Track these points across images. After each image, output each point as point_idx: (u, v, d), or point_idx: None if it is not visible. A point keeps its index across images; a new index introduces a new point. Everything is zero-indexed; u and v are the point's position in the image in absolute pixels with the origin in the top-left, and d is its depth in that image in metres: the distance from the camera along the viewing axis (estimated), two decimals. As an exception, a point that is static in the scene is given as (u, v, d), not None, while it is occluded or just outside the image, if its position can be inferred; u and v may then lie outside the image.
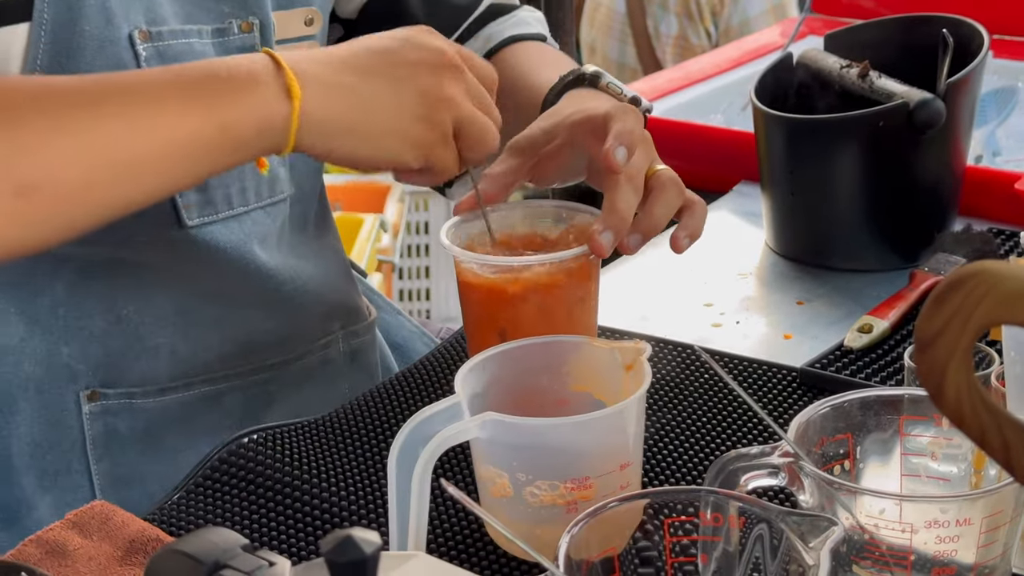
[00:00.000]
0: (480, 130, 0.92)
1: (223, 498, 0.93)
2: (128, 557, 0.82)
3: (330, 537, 0.54)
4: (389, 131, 0.89)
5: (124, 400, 1.04)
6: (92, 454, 1.03)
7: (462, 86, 0.91)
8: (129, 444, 1.05)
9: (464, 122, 0.91)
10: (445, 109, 0.90)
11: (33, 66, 0.93)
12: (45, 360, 1.00)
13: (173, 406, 1.06)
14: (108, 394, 1.03)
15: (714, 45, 2.97)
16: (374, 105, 0.88)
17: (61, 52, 0.93)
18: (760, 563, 0.72)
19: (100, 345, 1.01)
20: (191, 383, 1.06)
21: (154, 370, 1.04)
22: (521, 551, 0.84)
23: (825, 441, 0.80)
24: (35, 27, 0.92)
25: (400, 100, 0.89)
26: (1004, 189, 1.30)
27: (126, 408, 1.04)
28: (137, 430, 1.04)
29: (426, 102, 0.89)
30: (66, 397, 1.02)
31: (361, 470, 0.95)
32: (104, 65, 0.95)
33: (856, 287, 1.21)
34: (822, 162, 1.22)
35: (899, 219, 1.23)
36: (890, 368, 1.05)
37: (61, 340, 1.01)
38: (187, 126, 0.83)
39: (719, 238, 1.34)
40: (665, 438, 0.97)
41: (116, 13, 0.95)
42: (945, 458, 0.81)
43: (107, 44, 0.95)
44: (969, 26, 1.26)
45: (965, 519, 0.71)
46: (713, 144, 1.51)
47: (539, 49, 1.19)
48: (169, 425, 1.06)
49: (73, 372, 1.01)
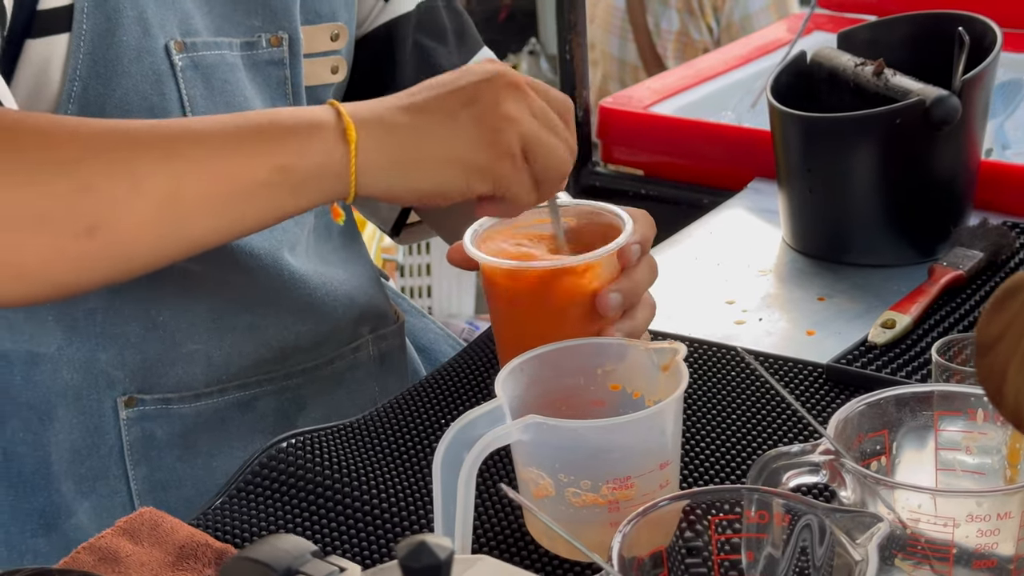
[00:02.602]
0: (548, 149, 0.90)
1: (265, 502, 0.94)
2: (179, 563, 0.84)
3: (404, 543, 0.56)
4: (447, 160, 0.88)
5: (160, 406, 1.05)
6: (129, 459, 1.05)
7: (524, 104, 0.90)
8: (165, 449, 1.06)
9: (530, 141, 0.89)
10: (507, 127, 0.88)
11: (73, 76, 0.94)
12: (83, 367, 1.02)
13: (208, 411, 1.07)
14: (145, 400, 1.05)
15: (716, 40, 2.98)
16: (429, 137, 0.88)
17: (99, 62, 0.95)
18: (805, 560, 0.73)
19: (137, 351, 1.03)
20: (226, 388, 1.07)
21: (190, 376, 1.06)
22: (565, 549, 0.86)
23: (862, 438, 0.82)
24: (74, 38, 0.94)
25: (457, 127, 0.88)
26: (1019, 182, 1.32)
27: (163, 413, 1.05)
28: (173, 435, 1.06)
29: (485, 123, 0.88)
30: (104, 403, 1.04)
31: (399, 472, 0.97)
32: (141, 74, 0.97)
33: (875, 282, 1.23)
34: (840, 159, 1.24)
35: (916, 214, 1.25)
36: (915, 363, 1.06)
37: (99, 347, 1.02)
38: (247, 169, 0.84)
39: (736, 236, 1.36)
40: (698, 435, 0.98)
41: (152, 24, 0.97)
42: (979, 451, 0.83)
43: (144, 54, 0.97)
44: (981, 22, 1.28)
45: (1006, 512, 0.73)
46: (726, 142, 1.53)
47: None
48: (204, 430, 1.07)
49: (110, 378, 1.03)
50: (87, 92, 0.96)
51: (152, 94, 0.98)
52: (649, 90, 1.66)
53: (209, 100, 1.02)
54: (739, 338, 1.13)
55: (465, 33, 1.24)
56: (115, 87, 0.97)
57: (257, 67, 1.06)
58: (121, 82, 0.96)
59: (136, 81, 0.97)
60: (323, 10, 1.11)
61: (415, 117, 0.89)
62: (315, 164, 0.85)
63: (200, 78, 1.01)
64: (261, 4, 1.05)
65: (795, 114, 1.25)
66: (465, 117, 0.88)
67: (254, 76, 1.06)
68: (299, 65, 1.08)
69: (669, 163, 1.57)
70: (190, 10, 1.01)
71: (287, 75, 1.08)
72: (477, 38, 1.26)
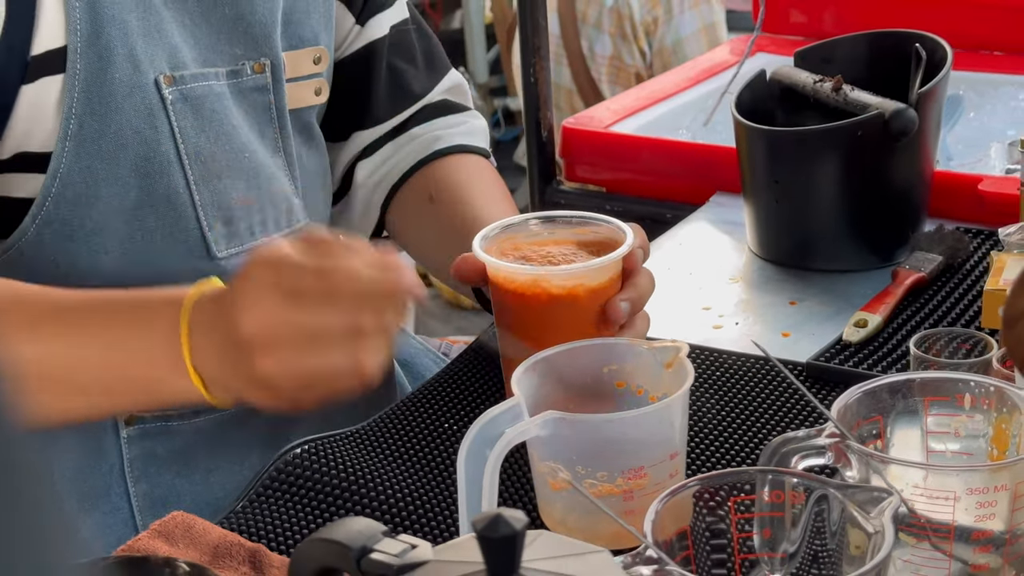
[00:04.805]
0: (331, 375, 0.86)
1: (285, 505, 0.98)
2: (216, 561, 0.87)
3: (481, 515, 0.60)
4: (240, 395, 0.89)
5: (160, 423, 1.08)
6: (130, 476, 1.07)
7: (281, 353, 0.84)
8: (165, 466, 1.09)
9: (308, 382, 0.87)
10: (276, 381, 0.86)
11: (68, 114, 0.98)
12: None
13: (206, 427, 1.10)
14: (145, 418, 1.07)
15: (648, 65, 3.06)
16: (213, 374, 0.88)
17: (94, 99, 0.99)
18: (820, 533, 0.79)
19: None
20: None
21: None
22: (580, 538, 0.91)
23: (860, 423, 0.87)
24: (68, 78, 0.98)
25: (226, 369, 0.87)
26: (969, 191, 1.39)
27: (163, 431, 1.08)
28: (173, 452, 1.08)
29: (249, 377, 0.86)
30: (105, 422, 1.06)
31: (407, 474, 1.01)
32: (133, 109, 1.01)
33: (841, 286, 1.29)
34: (804, 171, 1.31)
35: (877, 221, 1.32)
36: (889, 358, 1.13)
37: None
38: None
39: (704, 246, 1.42)
40: (704, 430, 1.03)
41: (142, 60, 1.01)
42: (966, 435, 0.89)
43: (136, 90, 1.01)
44: (932, 40, 1.35)
45: (1002, 485, 0.79)
46: (687, 158, 1.59)
47: (475, 165, 1.26)
48: (202, 446, 1.10)
49: None
50: (83, 130, 0.99)
51: (145, 128, 1.02)
52: (608, 111, 1.72)
53: (199, 130, 1.05)
54: (718, 341, 1.19)
55: (434, 56, 1.29)
56: (110, 123, 1.00)
57: (243, 94, 1.09)
58: (115, 118, 1.00)
59: (129, 116, 1.00)
60: (306, 34, 1.15)
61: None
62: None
63: (190, 109, 1.05)
64: (243, 33, 1.09)
65: (761, 129, 1.31)
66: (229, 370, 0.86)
67: (240, 103, 1.09)
68: (282, 90, 1.12)
69: (631, 180, 1.63)
70: (177, 43, 1.04)
71: (271, 100, 1.12)
72: (446, 61, 1.31)
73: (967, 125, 1.72)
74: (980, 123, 1.71)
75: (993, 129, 1.68)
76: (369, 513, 0.96)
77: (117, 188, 1.01)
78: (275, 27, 1.11)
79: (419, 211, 1.23)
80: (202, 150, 1.05)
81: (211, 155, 1.05)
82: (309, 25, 1.15)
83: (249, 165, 1.09)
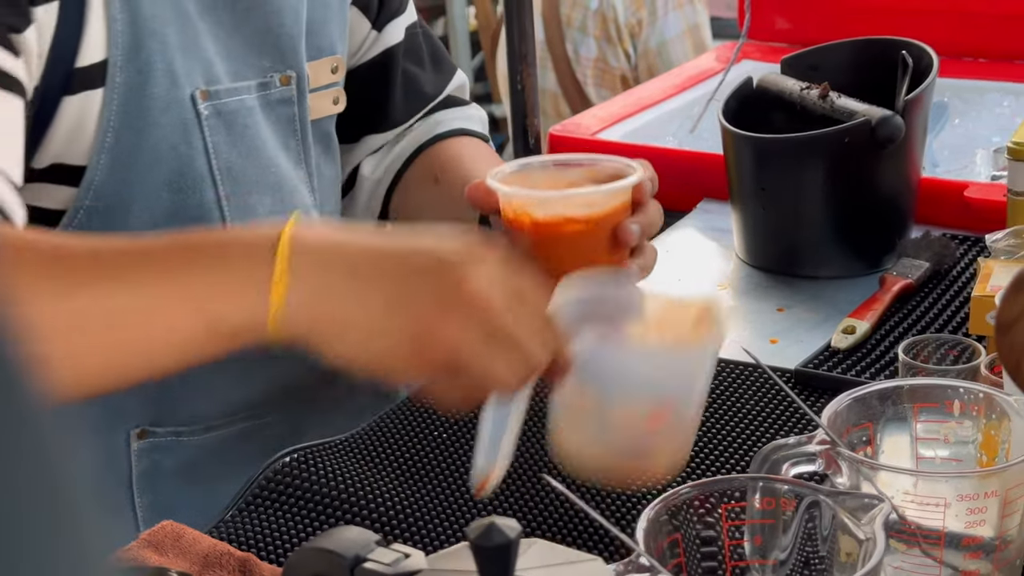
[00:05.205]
0: (482, 371, 0.82)
1: (275, 513, 0.97)
2: (206, 571, 0.87)
3: (475, 524, 0.60)
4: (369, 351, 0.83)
5: (171, 438, 1.08)
6: (137, 488, 1.07)
7: (473, 317, 0.81)
8: (171, 478, 1.08)
9: (464, 360, 0.81)
10: (438, 344, 0.81)
11: (106, 127, 0.97)
12: (101, 399, 1.03)
13: (215, 441, 1.10)
14: (157, 432, 1.07)
15: (633, 67, 3.06)
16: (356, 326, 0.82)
17: (131, 113, 0.98)
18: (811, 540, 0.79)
19: (157, 387, 1.04)
20: (234, 420, 1.10)
21: (204, 409, 1.08)
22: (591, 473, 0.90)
23: (850, 430, 0.88)
24: (108, 91, 0.97)
25: (390, 323, 0.82)
26: (955, 197, 1.40)
27: (173, 445, 1.08)
28: (180, 464, 1.08)
29: (421, 327, 0.81)
30: (117, 435, 1.06)
31: (395, 481, 1.01)
32: (170, 124, 1.00)
33: (828, 293, 1.29)
34: (791, 178, 1.31)
35: (864, 228, 1.32)
36: (878, 364, 1.13)
37: None
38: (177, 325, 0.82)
39: (692, 253, 1.42)
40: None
41: (180, 75, 1.00)
42: (956, 442, 0.89)
43: (172, 104, 1.00)
44: (918, 47, 1.36)
45: (992, 491, 0.79)
46: (674, 165, 1.59)
47: (476, 146, 1.27)
48: (209, 459, 1.10)
49: (127, 412, 1.05)
50: (119, 143, 0.98)
51: (180, 143, 1.01)
52: (595, 118, 1.72)
53: (231, 145, 1.05)
54: (707, 348, 1.19)
55: (440, 58, 1.29)
56: (146, 137, 1.00)
57: (270, 107, 1.09)
58: (152, 132, 1.00)
59: (166, 131, 1.00)
60: (323, 44, 1.14)
61: (358, 293, 0.82)
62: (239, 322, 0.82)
63: (222, 124, 1.04)
64: (271, 45, 1.08)
65: (748, 136, 1.32)
66: (401, 318, 0.81)
67: (267, 116, 1.09)
68: (305, 102, 1.12)
69: (618, 187, 1.63)
70: (211, 57, 1.04)
71: (295, 112, 1.11)
72: (451, 63, 1.31)
73: (952, 132, 1.73)
74: (965, 130, 1.72)
75: (978, 136, 1.68)
76: (359, 521, 0.96)
77: (149, 202, 1.00)
78: (301, 38, 1.10)
79: (425, 192, 1.23)
80: (233, 165, 1.05)
81: (241, 170, 1.05)
82: (327, 34, 1.15)
83: (275, 179, 1.08)
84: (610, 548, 0.90)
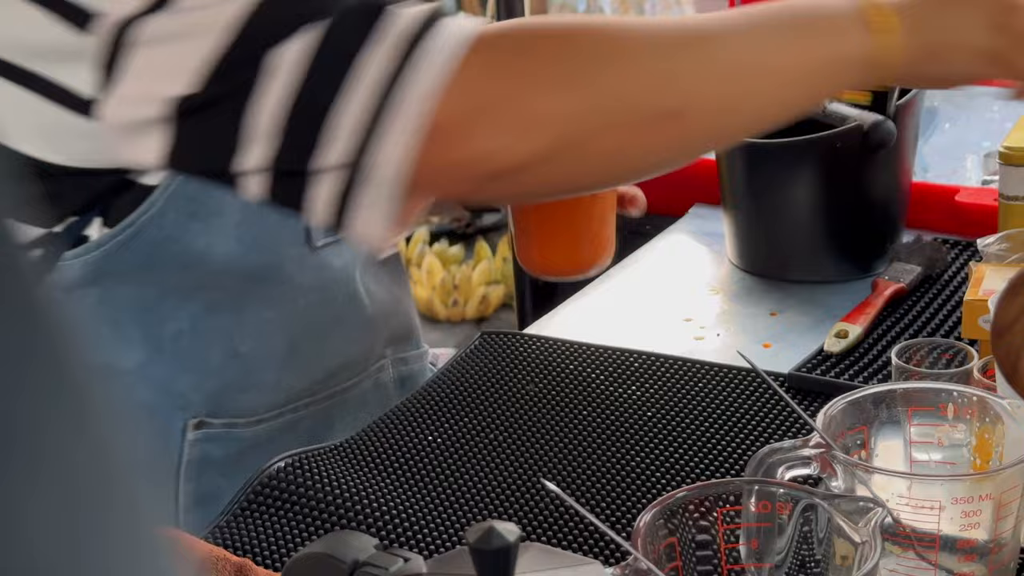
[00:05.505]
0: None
1: (270, 519, 0.97)
2: (202, 576, 0.87)
3: (474, 528, 0.60)
4: (957, 47, 0.91)
5: (225, 429, 1.08)
6: (184, 476, 1.07)
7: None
8: (216, 468, 1.08)
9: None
10: (1014, 15, 0.90)
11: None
12: (162, 387, 1.03)
13: (262, 433, 1.10)
14: (213, 423, 1.07)
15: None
16: (949, 27, 0.91)
17: None
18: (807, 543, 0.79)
19: (216, 378, 1.05)
20: (282, 412, 1.11)
21: (257, 401, 1.09)
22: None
23: (844, 433, 0.88)
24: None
25: (969, 15, 0.91)
26: (946, 202, 1.40)
27: (224, 436, 1.08)
28: (227, 455, 1.08)
29: (996, 7, 0.90)
30: (174, 424, 1.05)
31: (388, 487, 1.01)
32: None
33: (821, 297, 1.30)
34: (783, 182, 1.31)
35: (856, 232, 1.33)
36: (870, 368, 1.13)
37: (179, 369, 1.04)
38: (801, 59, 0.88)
39: (685, 257, 1.43)
40: (687, 442, 1.04)
41: None
42: (949, 445, 0.90)
43: None
44: (908, 52, 1.36)
45: (986, 494, 0.80)
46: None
47: None
48: (252, 451, 1.10)
49: (186, 401, 1.05)
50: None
51: None
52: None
53: None
54: (701, 353, 1.20)
55: None
56: None
57: None
58: None
59: None
60: None
61: (937, 7, 0.91)
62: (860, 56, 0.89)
63: None
64: None
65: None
66: (980, 5, 0.91)
67: None
68: None
69: (610, 192, 1.64)
70: None
71: None
72: None
73: (942, 136, 1.73)
74: (955, 134, 1.73)
75: (968, 140, 1.69)
76: (357, 526, 0.96)
77: None
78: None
79: None
80: None
81: None
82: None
83: None
84: (607, 551, 0.91)
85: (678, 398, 1.10)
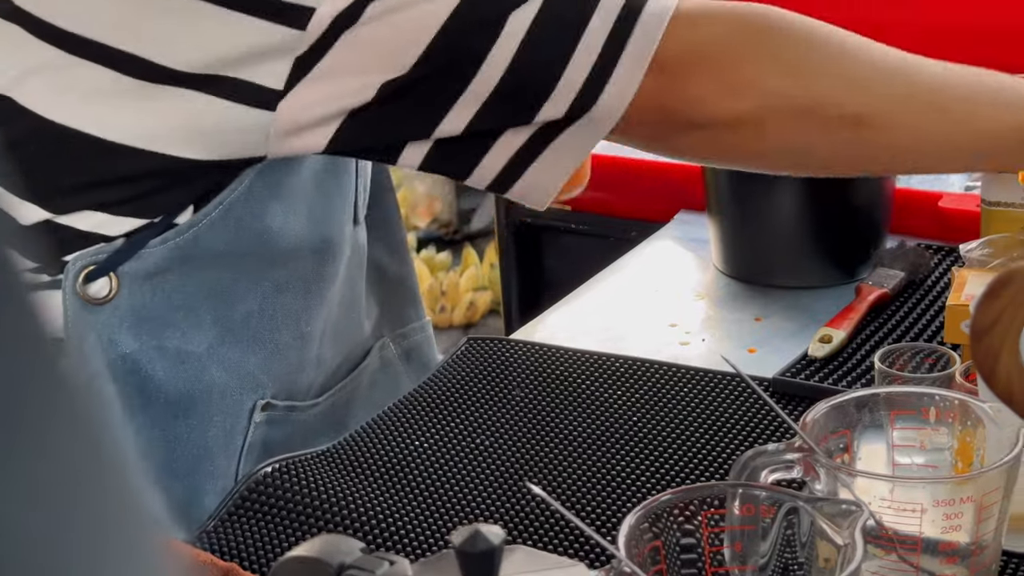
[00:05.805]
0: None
1: (257, 524, 0.98)
2: (190, 580, 0.87)
3: (459, 531, 0.61)
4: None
5: (285, 411, 1.08)
6: (244, 459, 1.06)
7: None
8: (270, 450, 1.08)
9: None
10: None
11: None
12: (233, 368, 1.03)
13: (312, 417, 1.11)
14: (277, 405, 1.07)
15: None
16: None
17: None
18: (790, 546, 0.80)
19: (283, 358, 1.06)
20: (332, 394, 1.13)
21: (312, 381, 1.10)
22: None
23: (828, 437, 0.89)
24: None
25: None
26: (929, 208, 1.41)
27: (284, 418, 1.08)
28: (283, 438, 1.08)
29: None
30: (245, 405, 1.05)
31: (375, 492, 1.01)
32: None
33: (805, 302, 1.31)
34: (768, 189, 1.32)
35: (840, 238, 1.34)
36: (854, 373, 1.14)
37: (250, 350, 1.04)
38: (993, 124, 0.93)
39: (670, 263, 1.44)
40: (672, 446, 1.05)
41: None
42: (931, 449, 0.91)
43: None
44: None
45: (968, 497, 0.80)
46: (654, 177, 1.61)
47: None
48: (299, 435, 1.10)
49: (257, 382, 1.05)
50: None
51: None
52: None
53: None
54: (686, 358, 1.20)
55: None
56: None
57: None
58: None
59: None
60: None
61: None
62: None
63: None
64: None
65: (725, 147, 1.33)
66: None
67: None
68: None
69: (596, 198, 1.64)
70: None
71: None
72: None
73: (926, 143, 1.74)
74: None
75: (952, 147, 1.70)
76: (343, 530, 0.97)
77: None
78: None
79: None
80: None
81: None
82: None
83: None
84: (593, 554, 0.91)
85: (663, 402, 1.11)
